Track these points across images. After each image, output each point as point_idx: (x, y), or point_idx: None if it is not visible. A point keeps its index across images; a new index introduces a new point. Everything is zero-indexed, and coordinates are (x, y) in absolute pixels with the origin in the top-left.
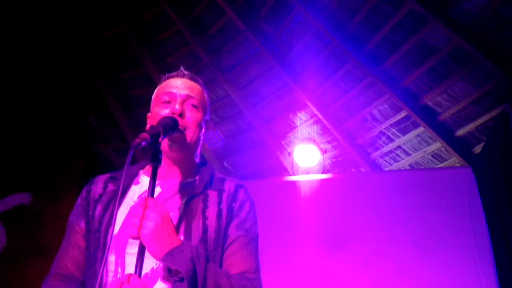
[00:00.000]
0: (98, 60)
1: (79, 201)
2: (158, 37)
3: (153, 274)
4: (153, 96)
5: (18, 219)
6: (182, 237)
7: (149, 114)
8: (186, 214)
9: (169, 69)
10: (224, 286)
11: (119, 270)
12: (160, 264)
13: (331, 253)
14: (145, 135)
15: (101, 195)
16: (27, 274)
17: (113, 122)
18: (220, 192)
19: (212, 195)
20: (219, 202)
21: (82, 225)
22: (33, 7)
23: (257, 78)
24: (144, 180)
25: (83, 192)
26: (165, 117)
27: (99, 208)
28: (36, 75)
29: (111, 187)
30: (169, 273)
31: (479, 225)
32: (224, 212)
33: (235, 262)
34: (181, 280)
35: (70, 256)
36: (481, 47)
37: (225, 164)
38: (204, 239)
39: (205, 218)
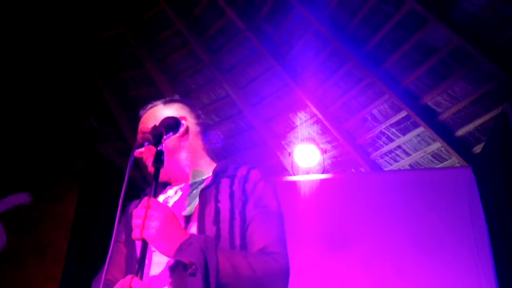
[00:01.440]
0: (98, 60)
1: (119, 221)
2: (158, 37)
3: (163, 274)
4: None
5: (18, 219)
6: (196, 224)
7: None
8: (200, 203)
9: (169, 69)
10: (242, 266)
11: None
12: (170, 264)
13: (331, 253)
14: (147, 135)
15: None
16: (27, 274)
17: (113, 122)
18: (232, 178)
19: (225, 181)
20: (231, 185)
21: (123, 236)
22: (33, 7)
23: (257, 78)
24: (169, 190)
25: (124, 214)
26: (167, 118)
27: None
28: (36, 75)
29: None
30: (184, 269)
31: (479, 225)
32: (237, 193)
33: (255, 239)
34: (194, 274)
35: (115, 263)
36: (481, 47)
37: None
38: (216, 220)
39: (217, 201)
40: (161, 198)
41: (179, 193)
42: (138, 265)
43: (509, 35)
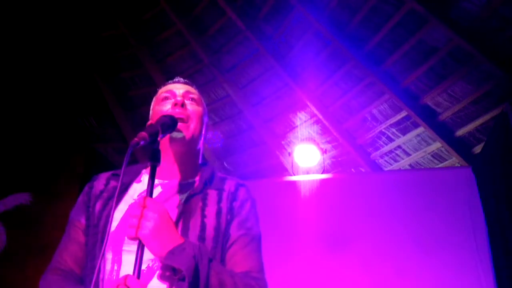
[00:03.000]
0: (98, 60)
1: (80, 197)
2: (158, 37)
3: (149, 272)
4: (152, 103)
5: (18, 219)
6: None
7: (149, 122)
8: (184, 212)
9: (169, 69)
10: (228, 284)
11: (115, 268)
12: (157, 262)
13: (331, 253)
14: (143, 134)
15: (102, 191)
16: (27, 274)
17: (113, 122)
18: (220, 191)
19: (212, 194)
20: (219, 201)
21: (83, 220)
22: (33, 7)
23: (257, 78)
24: (145, 178)
25: (85, 188)
26: (164, 116)
27: (99, 204)
28: (36, 75)
29: (112, 183)
30: (173, 272)
31: (478, 225)
32: (224, 211)
33: (238, 261)
34: (183, 279)
35: (69, 251)
36: (481, 47)
37: (225, 164)
38: (202, 236)
39: (203, 216)
40: (135, 187)
41: (158, 189)
42: (135, 263)
43: (509, 35)
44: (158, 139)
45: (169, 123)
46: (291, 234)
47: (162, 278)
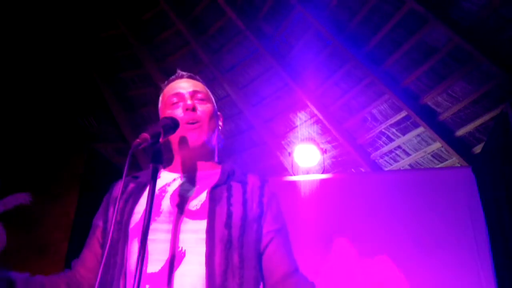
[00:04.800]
0: (98, 60)
1: (101, 205)
2: (158, 37)
3: (178, 256)
4: (159, 104)
5: (18, 219)
6: (206, 222)
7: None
8: (210, 200)
9: (169, 69)
10: None
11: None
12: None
13: (331, 253)
14: (145, 135)
15: (122, 193)
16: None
17: (113, 122)
18: (244, 184)
19: (236, 186)
20: (244, 193)
21: (100, 224)
22: (33, 7)
23: (257, 78)
24: (164, 175)
25: (106, 196)
26: (165, 118)
27: (120, 204)
28: (36, 75)
29: (131, 185)
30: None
31: (478, 225)
32: (250, 203)
33: (280, 261)
34: None
35: (82, 258)
36: (481, 47)
37: None
38: (228, 224)
39: (229, 204)
40: (157, 183)
41: (178, 181)
42: (137, 261)
43: (509, 35)
44: (160, 140)
45: (171, 125)
46: (291, 234)
47: (188, 262)
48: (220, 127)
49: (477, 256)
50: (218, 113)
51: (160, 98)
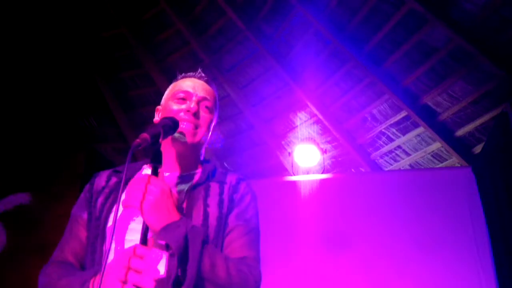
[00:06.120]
0: (98, 60)
1: (82, 194)
2: (158, 37)
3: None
4: (167, 91)
5: (18, 219)
6: None
7: (158, 107)
8: (187, 201)
9: (169, 69)
10: (220, 267)
11: None
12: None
13: (331, 253)
14: (145, 135)
15: (103, 187)
16: (27, 274)
17: (113, 122)
18: (222, 184)
19: (214, 186)
20: (221, 193)
21: (84, 216)
22: (34, 7)
23: (257, 78)
24: (147, 172)
25: (87, 186)
26: (165, 118)
27: (101, 199)
28: (36, 75)
29: (114, 179)
30: (166, 246)
31: (479, 225)
32: (225, 202)
33: (234, 249)
34: (173, 255)
35: (70, 246)
36: (481, 47)
37: (225, 164)
38: (205, 225)
39: (206, 205)
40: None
41: None
42: (141, 236)
43: (509, 36)
44: (160, 140)
45: (171, 125)
46: (291, 234)
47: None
48: (209, 135)
49: (477, 256)
50: (215, 122)
51: (171, 86)
